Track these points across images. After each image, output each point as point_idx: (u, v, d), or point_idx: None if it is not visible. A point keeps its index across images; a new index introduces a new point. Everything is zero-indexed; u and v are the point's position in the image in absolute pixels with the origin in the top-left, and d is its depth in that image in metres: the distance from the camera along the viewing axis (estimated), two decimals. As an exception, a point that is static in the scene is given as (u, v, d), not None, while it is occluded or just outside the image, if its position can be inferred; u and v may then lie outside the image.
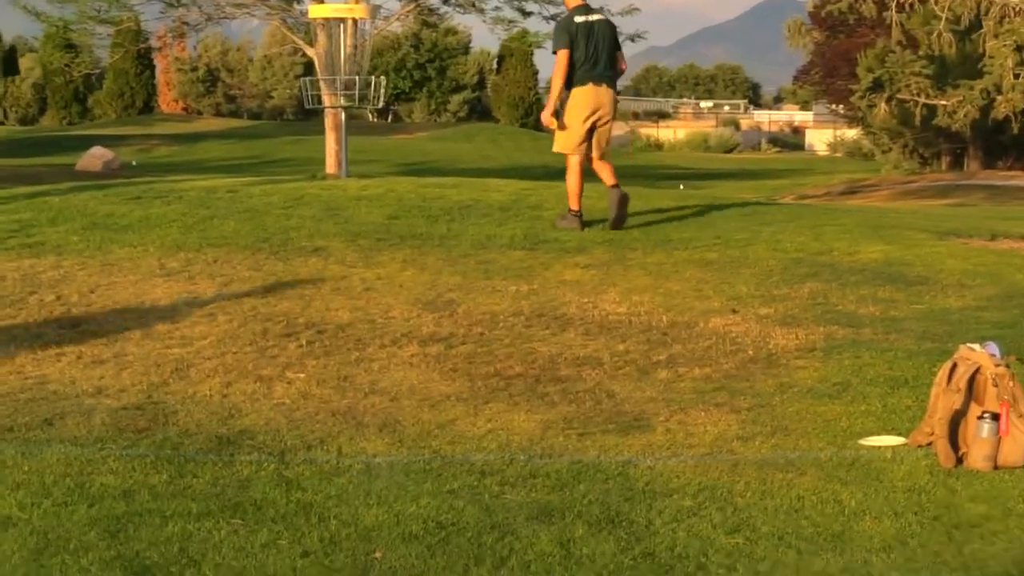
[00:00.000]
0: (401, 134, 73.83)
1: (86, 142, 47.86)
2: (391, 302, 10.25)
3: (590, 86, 13.86)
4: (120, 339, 8.97)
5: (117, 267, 11.36)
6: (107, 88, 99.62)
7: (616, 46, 14.26)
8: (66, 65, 34.71)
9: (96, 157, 40.49)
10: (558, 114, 14.01)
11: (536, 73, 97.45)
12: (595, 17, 14.14)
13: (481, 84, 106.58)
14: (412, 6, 28.59)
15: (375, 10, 26.69)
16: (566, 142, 14.00)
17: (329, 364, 8.38)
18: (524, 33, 29.36)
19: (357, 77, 21.28)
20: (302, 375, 8.10)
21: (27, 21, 30.94)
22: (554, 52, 14.01)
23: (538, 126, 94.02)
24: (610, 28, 14.30)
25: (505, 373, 8.23)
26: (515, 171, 40.35)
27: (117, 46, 37.45)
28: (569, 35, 13.91)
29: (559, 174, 15.08)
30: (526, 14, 28.31)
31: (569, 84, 13.87)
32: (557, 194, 15.67)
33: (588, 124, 13.83)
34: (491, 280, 11.13)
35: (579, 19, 14.01)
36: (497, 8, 28.26)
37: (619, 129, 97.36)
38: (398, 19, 30.08)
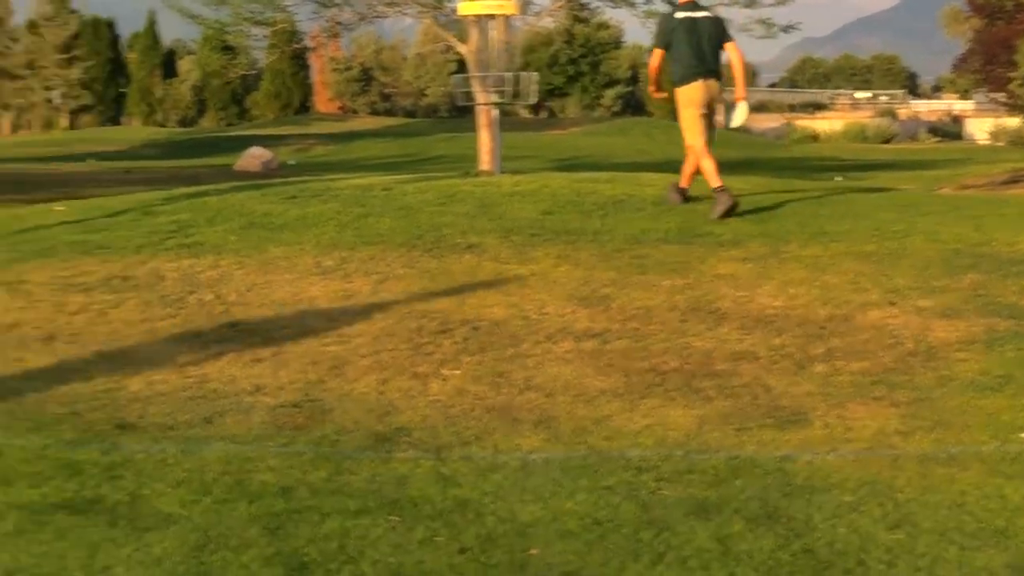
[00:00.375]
0: (554, 130, 73.85)
1: (244, 143, 48.49)
2: (545, 298, 10.24)
3: (699, 82, 14.19)
4: (278, 337, 9.06)
5: (274, 266, 11.47)
6: (264, 89, 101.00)
7: (722, 40, 14.61)
8: (223, 67, 35.17)
9: (254, 157, 40.99)
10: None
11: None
12: (700, 14, 14.49)
13: (634, 78, 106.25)
14: (563, 1, 28.52)
15: (526, 6, 26.71)
16: (693, 136, 14.31)
17: (484, 360, 8.40)
18: (675, 26, 29.18)
19: (509, 74, 21.29)
20: (457, 372, 8.12)
21: (185, 24, 31.37)
22: (652, 47, 14.63)
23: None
24: (715, 24, 14.61)
25: (660, 368, 8.19)
26: (670, 165, 40.12)
27: (273, 47, 37.81)
28: (666, 33, 14.38)
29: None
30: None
31: (679, 80, 14.21)
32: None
33: (703, 117, 14.30)
34: (645, 275, 11.07)
35: (681, 15, 14.39)
36: (648, 2, 28.07)
37: (775, 121, 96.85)
38: (549, 15, 30.02)
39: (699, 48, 14.12)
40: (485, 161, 24.34)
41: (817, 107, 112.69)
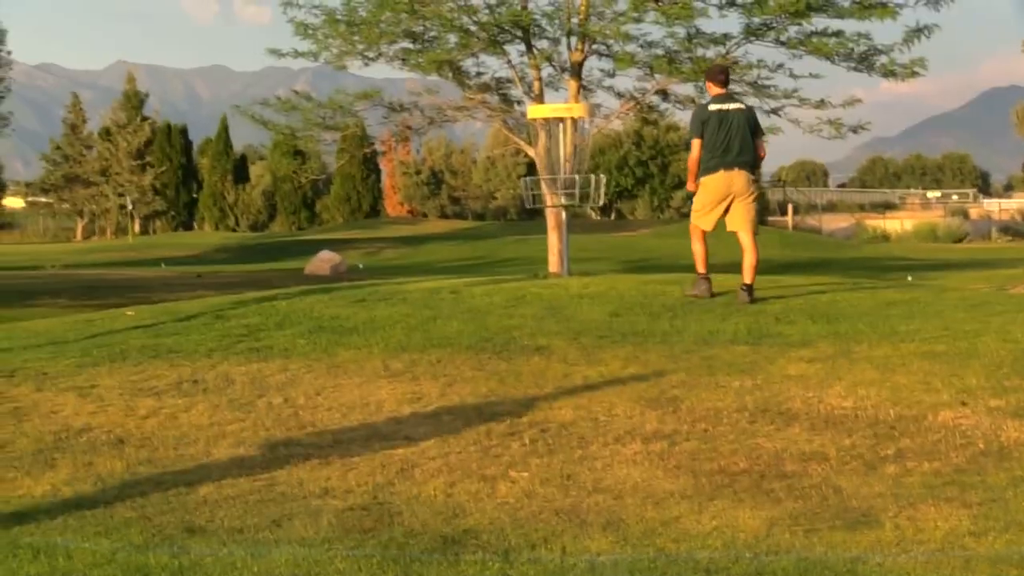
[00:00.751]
0: (624, 231, 74.03)
1: (314, 247, 48.88)
2: (614, 399, 10.23)
3: (721, 172, 14.79)
4: (346, 440, 9.08)
5: (342, 369, 11.52)
6: (334, 193, 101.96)
7: (755, 134, 15.15)
8: (294, 172, 35.47)
9: (324, 261, 41.32)
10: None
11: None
12: (731, 106, 15.00)
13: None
14: (631, 104, 28.71)
15: (594, 109, 26.87)
16: (696, 216, 15.31)
17: (552, 463, 8.38)
18: (745, 128, 29.25)
19: (577, 176, 21.40)
20: (525, 474, 8.10)
21: (256, 130, 31.77)
22: (688, 140, 15.08)
23: (762, 220, 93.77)
24: (746, 117, 15.10)
25: (730, 470, 8.14)
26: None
27: (343, 152, 38.26)
28: (700, 123, 14.90)
29: (783, 268, 14.98)
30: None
31: (703, 169, 14.86)
32: (780, 287, 15.54)
33: (720, 207, 15.04)
34: (714, 376, 11.04)
35: (713, 107, 14.91)
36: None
37: (845, 221, 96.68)
38: (618, 117, 30.23)
39: (727, 140, 14.49)
40: (554, 263, 24.46)
41: (887, 207, 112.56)
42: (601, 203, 20.79)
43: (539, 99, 27.03)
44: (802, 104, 27.61)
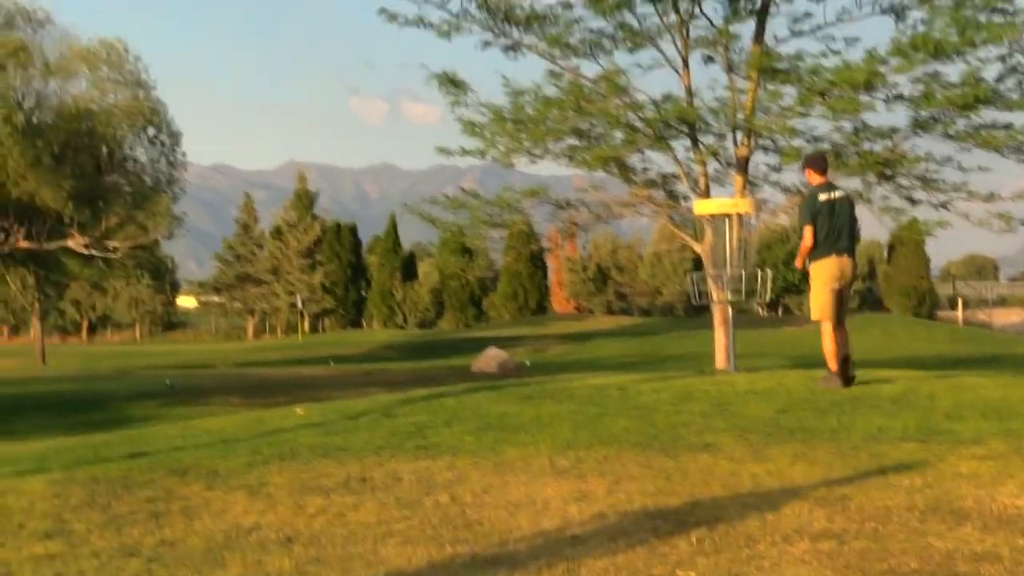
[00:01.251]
0: (791, 327, 73.45)
1: (481, 344, 49.14)
2: (781, 498, 10.13)
3: (833, 257, 15.56)
4: (512, 539, 9.09)
5: (509, 467, 11.55)
6: (501, 290, 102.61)
7: (855, 220, 15.88)
8: (461, 269, 35.80)
9: (491, 358, 41.52)
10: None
11: (928, 262, 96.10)
12: (837, 194, 15.73)
13: (871, 274, 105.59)
14: (798, 198, 28.59)
15: (760, 204, 26.81)
16: (821, 309, 15.73)
17: (720, 562, 8.32)
18: (913, 221, 28.97)
19: (744, 271, 21.34)
20: (693, 574, 8.05)
21: (424, 228, 32.11)
22: (800, 227, 15.55)
23: (931, 315, 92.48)
24: (850, 204, 15.90)
25: (900, 570, 8.02)
26: (909, 362, 39.59)
27: (510, 248, 38.59)
28: (812, 213, 15.54)
29: (953, 364, 14.78)
30: (914, 202, 27.99)
31: (814, 255, 15.53)
32: (950, 385, 15.34)
33: (835, 290, 15.69)
34: (884, 474, 10.90)
35: (822, 196, 15.59)
36: (884, 197, 28.02)
37: (1017, 315, 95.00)
38: (784, 211, 30.10)
39: (837, 227, 15.18)
40: (720, 359, 24.35)
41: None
42: (768, 299, 20.69)
43: (705, 194, 27.04)
44: (971, 198, 27.31)
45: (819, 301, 15.56)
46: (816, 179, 15.65)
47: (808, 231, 15.41)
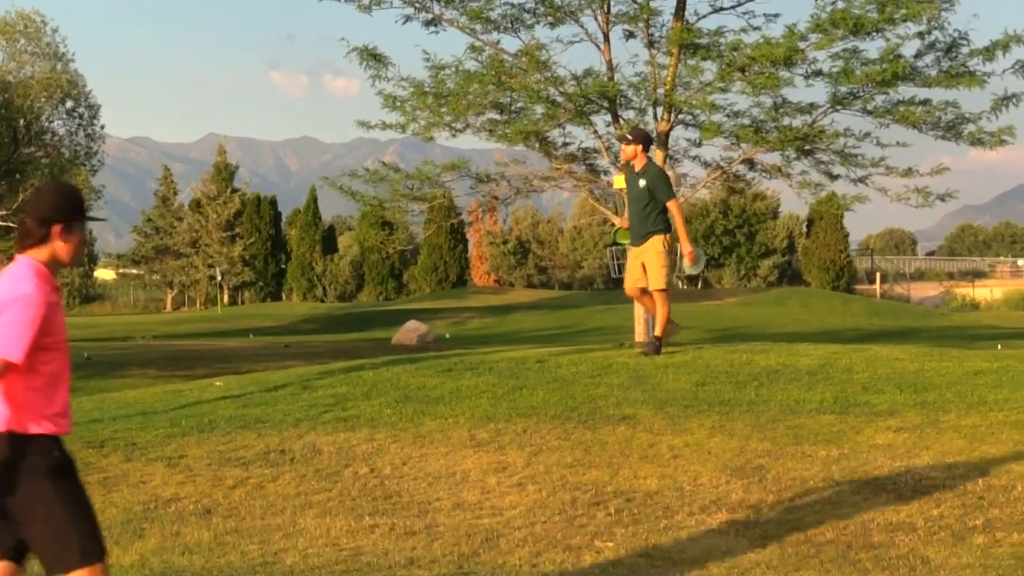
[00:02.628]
0: (711, 300, 73.84)
1: (401, 317, 49.08)
2: (699, 469, 10.21)
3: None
4: (431, 510, 9.12)
5: (428, 439, 11.56)
6: (421, 263, 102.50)
7: None
8: (381, 242, 35.60)
9: (411, 331, 41.46)
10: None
11: (847, 236, 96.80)
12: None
13: (791, 248, 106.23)
14: (717, 173, 28.69)
15: (680, 178, 26.89)
16: (668, 280, 15.83)
17: (638, 532, 8.37)
18: (832, 196, 29.11)
19: (663, 245, 21.40)
20: (611, 544, 8.10)
21: (345, 201, 31.98)
22: (668, 200, 15.57)
23: (849, 289, 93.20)
24: None
25: (816, 540, 8.10)
26: (827, 335, 39.90)
27: (430, 222, 38.52)
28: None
29: (871, 337, 14.92)
30: (833, 177, 28.13)
31: (668, 228, 15.65)
32: (867, 358, 15.47)
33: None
34: (800, 445, 10.99)
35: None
36: (803, 172, 28.15)
37: (934, 289, 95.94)
38: (704, 186, 30.20)
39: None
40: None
41: (977, 275, 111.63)
42: (690, 273, 20.74)
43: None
44: (889, 173, 27.46)
45: (665, 273, 15.60)
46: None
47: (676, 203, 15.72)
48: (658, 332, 15.67)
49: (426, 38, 28.16)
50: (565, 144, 28.85)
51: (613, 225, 19.45)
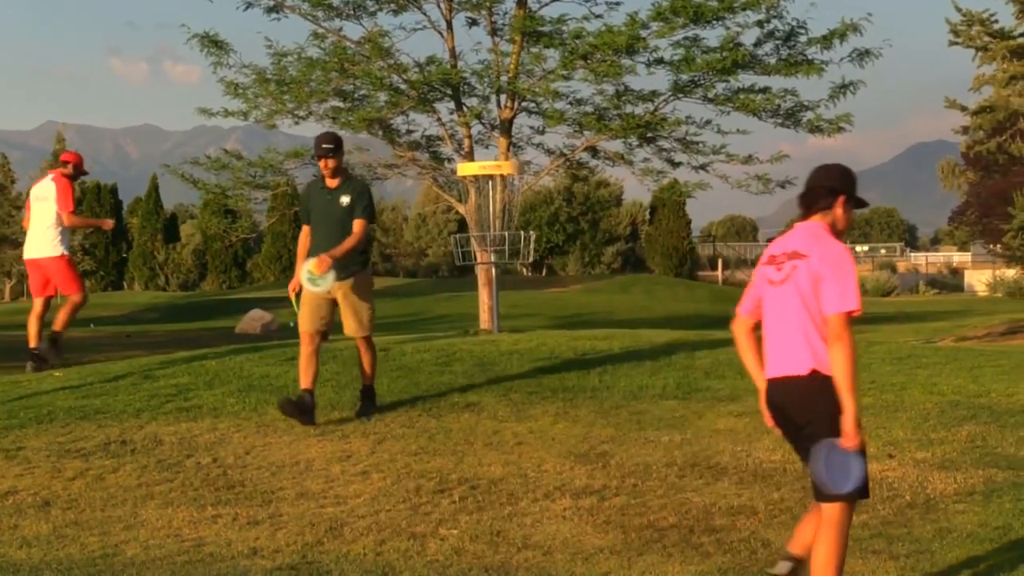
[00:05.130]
0: (555, 287, 74.09)
1: (245, 305, 48.63)
2: (543, 455, 10.25)
3: None
4: (275, 500, 9.05)
5: (272, 428, 11.49)
6: (265, 251, 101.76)
7: None
8: (224, 231, 35.28)
9: (255, 320, 41.08)
10: None
11: (689, 223, 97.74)
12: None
13: (634, 235, 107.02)
14: (561, 161, 28.80)
15: (523, 166, 26.95)
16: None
17: (482, 519, 8.38)
18: (674, 183, 29.35)
19: (507, 232, 21.45)
20: (455, 531, 8.10)
21: (187, 189, 31.64)
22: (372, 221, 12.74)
23: (692, 275, 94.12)
24: None
25: (659, 524, 8.17)
26: (671, 321, 40.25)
27: (273, 210, 38.23)
28: None
29: (714, 323, 15.05)
30: (675, 164, 28.36)
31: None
32: (710, 342, 15.63)
33: None
34: (644, 431, 11.09)
35: None
36: (646, 160, 28.34)
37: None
38: (548, 173, 30.28)
39: None
40: (485, 320, 24.43)
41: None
42: (531, 259, 20.81)
43: (469, 156, 27.06)
44: (730, 160, 27.72)
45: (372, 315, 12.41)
46: None
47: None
48: (367, 382, 12.58)
49: (268, 25, 27.87)
50: (409, 132, 28.78)
51: (458, 212, 19.06)
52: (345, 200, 12.13)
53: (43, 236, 15.06)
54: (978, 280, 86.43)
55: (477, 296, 26.52)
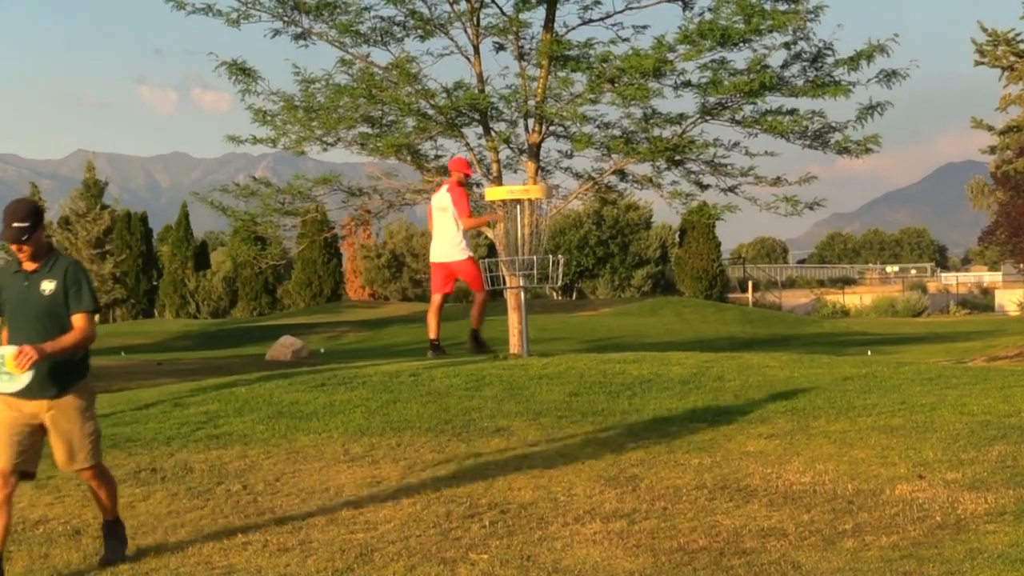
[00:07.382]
0: (585, 311, 74.03)
1: (275, 332, 48.75)
2: (573, 479, 10.24)
3: None
4: (305, 526, 9.06)
5: (302, 454, 11.51)
6: (295, 278, 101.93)
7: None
8: (254, 258, 35.35)
9: (285, 346, 41.19)
10: None
11: (719, 245, 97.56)
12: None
13: (664, 258, 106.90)
14: (589, 184, 28.85)
15: (552, 190, 26.99)
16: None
17: (512, 544, 8.37)
18: (703, 206, 29.36)
19: (536, 256, 21.45)
20: (485, 556, 8.09)
21: (217, 217, 31.75)
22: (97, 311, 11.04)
23: (722, 297, 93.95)
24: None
25: (689, 547, 8.15)
26: (700, 344, 40.18)
27: (303, 236, 38.32)
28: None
29: (744, 345, 15.04)
30: (703, 187, 28.41)
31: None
32: (739, 365, 15.60)
33: None
34: (673, 453, 11.07)
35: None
36: (674, 183, 28.41)
37: (804, 296, 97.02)
38: (577, 197, 30.33)
39: None
40: (514, 344, 24.48)
41: (847, 282, 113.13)
42: (560, 283, 20.77)
43: (497, 181, 27.16)
44: (758, 182, 27.80)
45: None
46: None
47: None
48: (107, 517, 8.92)
49: (296, 52, 28.03)
50: (437, 156, 28.91)
51: (487, 236, 19.35)
52: (48, 287, 8.44)
53: (448, 242, 15.16)
54: (1009, 300, 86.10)
55: (506, 320, 26.55)
